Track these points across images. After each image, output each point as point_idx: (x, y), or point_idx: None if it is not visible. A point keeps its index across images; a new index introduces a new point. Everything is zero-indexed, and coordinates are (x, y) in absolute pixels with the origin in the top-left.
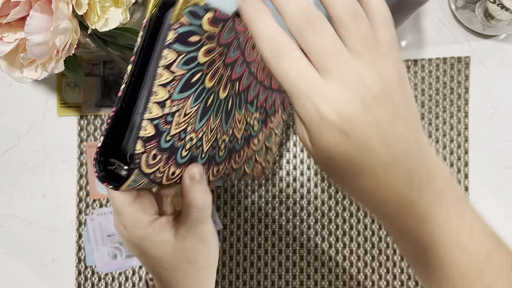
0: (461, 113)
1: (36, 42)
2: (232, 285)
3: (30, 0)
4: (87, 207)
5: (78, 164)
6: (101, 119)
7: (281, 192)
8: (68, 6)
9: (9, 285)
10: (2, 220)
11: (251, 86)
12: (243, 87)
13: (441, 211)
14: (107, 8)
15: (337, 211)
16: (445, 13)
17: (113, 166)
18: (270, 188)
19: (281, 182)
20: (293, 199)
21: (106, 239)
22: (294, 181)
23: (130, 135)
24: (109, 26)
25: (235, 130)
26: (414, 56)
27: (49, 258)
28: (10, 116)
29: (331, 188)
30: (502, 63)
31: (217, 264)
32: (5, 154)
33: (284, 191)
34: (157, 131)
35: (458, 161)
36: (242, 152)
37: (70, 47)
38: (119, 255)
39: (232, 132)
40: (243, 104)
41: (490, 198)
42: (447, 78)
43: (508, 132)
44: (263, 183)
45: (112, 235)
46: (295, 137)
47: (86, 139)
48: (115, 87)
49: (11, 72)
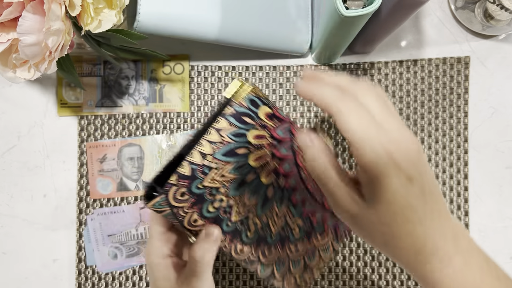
0: (461, 113)
1: (29, 43)
2: (232, 284)
3: (23, 1)
4: (88, 207)
5: (78, 164)
6: (101, 119)
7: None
8: (61, 7)
9: (9, 285)
10: (2, 220)
11: (298, 189)
12: (288, 185)
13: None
14: (100, 9)
15: None
16: (445, 13)
17: (150, 187)
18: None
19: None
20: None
21: (106, 238)
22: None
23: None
24: (103, 27)
25: (271, 222)
26: (414, 56)
27: (50, 258)
28: (10, 116)
29: None
30: (502, 63)
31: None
32: (6, 154)
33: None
34: (192, 175)
35: (458, 161)
36: (274, 249)
37: (63, 48)
38: (119, 255)
39: (267, 221)
40: (285, 202)
41: (490, 198)
42: (446, 78)
43: (508, 132)
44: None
45: (113, 235)
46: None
47: (87, 139)
48: (115, 87)
49: (4, 72)
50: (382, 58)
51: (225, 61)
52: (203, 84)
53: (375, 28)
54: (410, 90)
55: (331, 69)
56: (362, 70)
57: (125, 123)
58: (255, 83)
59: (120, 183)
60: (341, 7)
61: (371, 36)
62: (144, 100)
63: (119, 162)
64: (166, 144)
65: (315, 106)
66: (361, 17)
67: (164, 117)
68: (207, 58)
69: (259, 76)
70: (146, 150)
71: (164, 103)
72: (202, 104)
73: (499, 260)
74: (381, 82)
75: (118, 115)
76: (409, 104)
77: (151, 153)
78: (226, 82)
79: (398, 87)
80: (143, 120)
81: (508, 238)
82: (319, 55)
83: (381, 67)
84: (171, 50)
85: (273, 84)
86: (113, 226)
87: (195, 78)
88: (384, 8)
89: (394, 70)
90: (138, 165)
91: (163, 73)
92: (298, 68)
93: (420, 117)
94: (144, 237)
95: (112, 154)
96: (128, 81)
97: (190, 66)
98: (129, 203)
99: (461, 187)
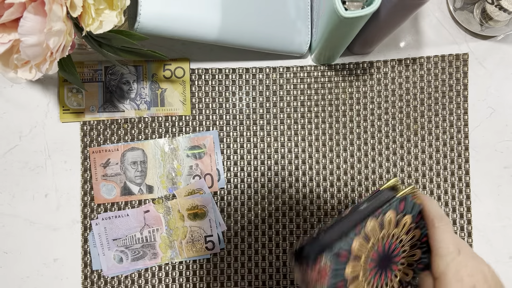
0: (460, 110)
1: (30, 44)
2: (237, 285)
3: (24, 2)
4: (92, 212)
5: (82, 170)
6: (103, 124)
7: (283, 193)
8: (62, 8)
9: (11, 284)
10: (4, 219)
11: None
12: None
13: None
14: (101, 10)
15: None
16: (444, 14)
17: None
18: (273, 189)
19: (283, 183)
20: (295, 199)
21: (111, 243)
22: (297, 182)
23: (314, 246)
24: (104, 28)
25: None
26: (413, 57)
27: (51, 257)
28: (12, 116)
29: (335, 193)
30: (500, 64)
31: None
32: (7, 154)
33: (286, 191)
34: (333, 274)
35: (459, 157)
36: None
37: (64, 48)
38: (124, 258)
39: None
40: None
41: (489, 197)
42: (445, 76)
43: (506, 132)
44: (265, 183)
45: (118, 239)
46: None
47: (90, 144)
48: (117, 92)
49: (6, 73)
50: (381, 58)
51: (225, 62)
52: (204, 87)
53: (374, 29)
54: (410, 88)
55: (331, 69)
56: (361, 70)
57: (127, 127)
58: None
59: (124, 187)
60: (340, 8)
61: (370, 37)
62: (145, 105)
63: (122, 167)
64: (168, 147)
65: (315, 107)
66: (360, 18)
67: (166, 121)
68: (206, 59)
69: (259, 77)
70: (149, 154)
71: (166, 107)
72: (204, 107)
73: (498, 260)
74: (380, 81)
75: (120, 120)
76: (408, 103)
77: (154, 157)
78: (226, 85)
79: (397, 86)
80: (145, 124)
81: (506, 237)
82: (319, 56)
83: (380, 66)
84: (172, 50)
85: (273, 86)
86: (118, 230)
87: (195, 81)
88: (383, 9)
89: (393, 69)
90: (141, 169)
91: (164, 77)
92: (297, 69)
93: (420, 115)
94: (148, 240)
95: (115, 159)
96: (129, 85)
97: (191, 70)
98: (133, 207)
99: (463, 183)
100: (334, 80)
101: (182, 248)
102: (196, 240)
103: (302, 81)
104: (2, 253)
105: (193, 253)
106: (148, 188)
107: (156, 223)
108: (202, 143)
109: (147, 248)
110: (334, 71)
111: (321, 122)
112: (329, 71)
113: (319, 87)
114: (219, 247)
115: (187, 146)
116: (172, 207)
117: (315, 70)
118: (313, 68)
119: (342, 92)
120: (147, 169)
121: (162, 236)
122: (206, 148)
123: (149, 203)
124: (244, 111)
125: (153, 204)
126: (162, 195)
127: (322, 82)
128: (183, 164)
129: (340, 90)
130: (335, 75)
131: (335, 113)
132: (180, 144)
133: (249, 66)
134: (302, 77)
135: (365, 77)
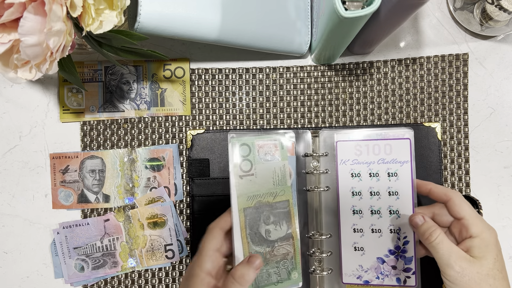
0: (461, 110)
1: (30, 44)
2: None
3: (24, 2)
4: (92, 212)
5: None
6: (103, 124)
7: None
8: (62, 8)
9: (11, 284)
10: (4, 219)
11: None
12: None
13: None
14: (101, 10)
15: None
16: (444, 14)
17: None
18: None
19: None
20: None
21: (72, 251)
22: None
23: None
24: (104, 28)
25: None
26: (413, 57)
27: (51, 257)
28: (12, 116)
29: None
30: (501, 64)
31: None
32: (7, 154)
33: None
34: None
35: (459, 157)
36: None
37: (64, 48)
38: (86, 267)
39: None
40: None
41: (489, 197)
42: (445, 76)
43: (506, 132)
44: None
45: (78, 247)
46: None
47: (90, 144)
48: (117, 92)
49: (6, 73)
50: (381, 58)
51: (225, 62)
52: (204, 87)
53: (374, 29)
54: (410, 88)
55: (331, 69)
56: (361, 70)
57: (127, 127)
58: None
59: (81, 195)
60: (340, 8)
61: (370, 37)
62: (145, 105)
63: (80, 174)
64: (127, 157)
65: (315, 107)
66: (360, 18)
67: (166, 121)
68: (206, 59)
69: (259, 77)
70: (108, 163)
71: (166, 107)
72: (204, 107)
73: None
74: (380, 81)
75: (120, 120)
76: (408, 103)
77: (112, 166)
78: (226, 85)
79: (397, 86)
80: (145, 125)
81: (506, 237)
82: (319, 56)
83: (380, 66)
84: (172, 50)
85: (273, 86)
86: (79, 239)
87: (195, 81)
88: (383, 9)
89: (393, 69)
90: (99, 177)
91: (164, 77)
92: (297, 69)
93: (420, 115)
94: (109, 249)
95: (74, 166)
96: (129, 86)
97: (191, 70)
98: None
99: (463, 183)
100: (334, 80)
101: (142, 256)
102: (156, 249)
103: (302, 81)
104: (2, 253)
105: (153, 261)
106: (104, 197)
107: (116, 231)
108: (161, 155)
109: (107, 257)
110: (334, 71)
111: (321, 122)
112: (329, 71)
113: (319, 87)
114: (179, 256)
115: (146, 157)
116: (132, 215)
117: (315, 70)
118: (313, 68)
119: (342, 92)
120: (105, 178)
121: (122, 244)
122: (165, 161)
123: (109, 212)
124: (244, 111)
125: (113, 213)
126: (118, 205)
127: (322, 82)
128: (141, 176)
129: (340, 90)
130: (335, 75)
131: (335, 113)
132: (140, 155)
133: (249, 66)
134: (302, 77)
135: (365, 77)
